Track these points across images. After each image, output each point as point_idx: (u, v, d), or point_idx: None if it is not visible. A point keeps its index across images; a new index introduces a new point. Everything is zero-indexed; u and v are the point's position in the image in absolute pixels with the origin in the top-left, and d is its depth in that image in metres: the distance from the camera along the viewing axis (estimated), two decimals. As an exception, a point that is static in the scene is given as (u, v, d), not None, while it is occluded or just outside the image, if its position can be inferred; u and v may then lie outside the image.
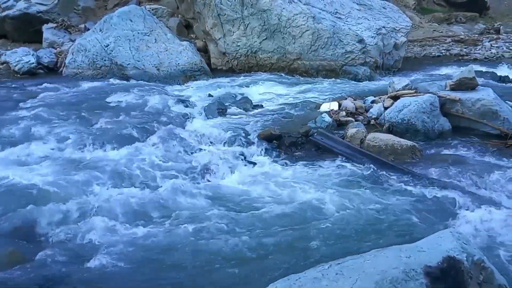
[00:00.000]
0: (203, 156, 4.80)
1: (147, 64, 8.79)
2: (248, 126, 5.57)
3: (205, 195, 3.95)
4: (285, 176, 4.34)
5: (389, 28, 10.03)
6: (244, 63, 9.82)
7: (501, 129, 5.11)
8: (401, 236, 3.13)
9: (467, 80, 5.51)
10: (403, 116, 5.22)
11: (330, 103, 6.18)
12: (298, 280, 2.05)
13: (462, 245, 2.11)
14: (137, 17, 9.40)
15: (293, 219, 3.46)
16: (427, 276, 1.94)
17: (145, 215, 3.61)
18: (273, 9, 9.37)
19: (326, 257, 2.77)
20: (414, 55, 12.50)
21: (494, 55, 12.16)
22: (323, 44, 9.22)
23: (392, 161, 4.55)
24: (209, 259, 3.01)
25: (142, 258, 3.04)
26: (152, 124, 5.67)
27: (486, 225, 3.32)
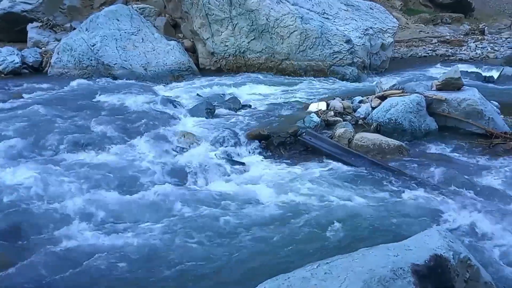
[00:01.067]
0: (191, 156, 4.76)
1: (134, 64, 8.72)
2: (236, 126, 5.56)
3: (192, 196, 3.92)
4: (273, 176, 4.34)
5: (376, 29, 10.13)
6: (232, 63, 9.81)
7: (486, 129, 5.18)
8: (389, 235, 3.15)
9: (453, 80, 5.58)
10: (390, 116, 5.26)
11: (318, 103, 6.20)
12: (287, 280, 2.04)
13: (449, 243, 2.13)
14: (123, 17, 9.32)
15: (281, 219, 3.45)
16: (414, 274, 1.95)
17: (131, 217, 3.56)
18: (261, 9, 9.38)
19: (315, 257, 2.77)
20: (401, 56, 12.64)
21: (479, 55, 12.36)
22: (311, 44, 9.26)
23: (380, 160, 4.58)
24: (197, 261, 2.99)
25: (128, 262, 2.99)
26: (139, 124, 5.62)
27: (472, 223, 3.36)
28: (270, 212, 3.57)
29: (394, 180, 4.15)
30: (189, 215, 3.56)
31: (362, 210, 3.55)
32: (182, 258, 3.02)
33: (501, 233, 3.20)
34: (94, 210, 3.60)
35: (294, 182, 4.11)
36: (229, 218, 3.49)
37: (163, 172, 4.42)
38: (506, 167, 4.34)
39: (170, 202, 3.77)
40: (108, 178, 4.20)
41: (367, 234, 3.22)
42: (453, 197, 3.79)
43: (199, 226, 3.39)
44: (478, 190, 3.92)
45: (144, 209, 3.67)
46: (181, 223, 3.44)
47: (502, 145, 4.92)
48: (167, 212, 3.63)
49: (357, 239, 3.15)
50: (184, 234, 3.28)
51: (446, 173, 4.22)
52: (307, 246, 3.09)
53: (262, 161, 4.80)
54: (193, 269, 2.92)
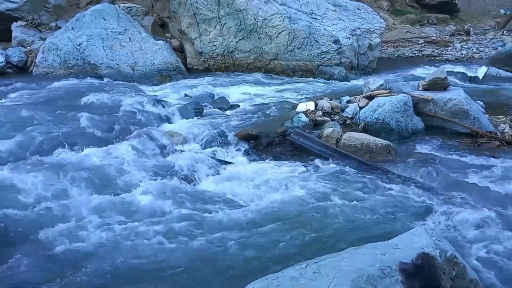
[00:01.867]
0: (179, 157, 4.73)
1: (121, 64, 8.63)
2: (225, 126, 5.55)
3: (181, 197, 3.90)
4: (263, 176, 4.33)
5: (364, 29, 10.19)
6: (220, 63, 9.79)
7: (471, 128, 5.25)
8: (377, 234, 3.17)
9: (439, 80, 5.65)
10: (378, 115, 5.30)
11: (306, 103, 6.22)
12: (276, 280, 2.04)
13: (435, 241, 2.15)
14: (110, 16, 9.22)
15: (270, 219, 3.45)
16: (402, 273, 1.97)
17: (118, 218, 3.52)
18: (249, 9, 9.37)
19: (304, 256, 2.77)
20: (388, 56, 12.75)
21: (464, 56, 12.53)
22: (299, 44, 9.28)
23: (368, 160, 4.61)
24: (184, 261, 2.97)
25: (114, 262, 2.97)
26: (127, 125, 5.56)
27: (458, 221, 3.40)
28: (258, 212, 3.56)
29: (382, 179, 4.18)
30: (177, 215, 3.54)
31: (351, 209, 3.57)
32: (170, 258, 3.00)
33: (486, 231, 3.25)
34: (80, 211, 3.56)
35: (283, 182, 4.11)
36: (217, 218, 3.48)
37: (151, 173, 4.38)
38: (492, 166, 4.40)
39: (157, 202, 3.74)
40: (94, 178, 4.15)
41: (356, 233, 3.24)
42: (440, 196, 3.83)
43: (186, 226, 3.37)
44: (464, 188, 3.97)
45: (131, 209, 3.64)
46: (168, 223, 3.42)
47: (487, 144, 5.00)
48: (154, 212, 3.61)
49: (345, 238, 3.17)
50: (171, 234, 3.26)
51: (432, 172, 4.27)
52: (296, 245, 3.09)
53: (251, 161, 4.80)
54: (180, 269, 2.90)
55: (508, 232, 3.20)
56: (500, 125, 5.51)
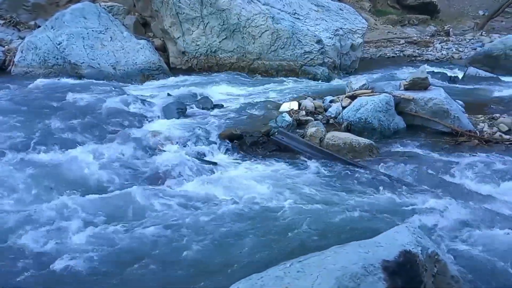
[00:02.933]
0: (162, 157, 4.69)
1: (103, 63, 8.51)
2: (208, 126, 5.52)
3: (164, 197, 3.86)
4: (247, 175, 4.33)
5: (346, 29, 10.29)
6: (203, 62, 9.75)
7: (452, 127, 5.34)
8: (360, 232, 3.19)
9: (420, 80, 5.73)
10: (361, 115, 5.34)
11: (290, 102, 6.24)
12: (260, 279, 2.04)
13: (417, 239, 2.18)
14: (91, 15, 9.09)
15: (254, 219, 3.45)
16: (385, 271, 1.99)
17: (101, 218, 3.47)
18: (232, 8, 9.36)
19: (288, 255, 2.77)
20: (370, 56, 12.89)
21: (444, 56, 12.76)
22: (283, 44, 9.31)
23: (350, 159, 4.65)
24: (167, 262, 2.95)
25: (95, 263, 2.92)
26: (109, 125, 5.49)
27: (439, 218, 3.44)
28: (242, 212, 3.55)
29: (364, 178, 4.22)
30: (160, 216, 3.51)
31: (334, 208, 3.59)
32: (153, 259, 2.97)
33: (467, 228, 3.30)
34: (62, 212, 3.49)
35: (266, 181, 4.11)
36: (200, 218, 3.45)
37: (134, 173, 4.34)
38: (471, 164, 4.48)
39: (140, 202, 3.69)
40: (76, 179, 4.09)
41: (339, 232, 3.25)
42: (421, 194, 3.88)
43: (169, 227, 3.34)
44: (445, 186, 4.04)
45: (114, 210, 3.59)
46: (152, 223, 3.38)
47: (467, 143, 5.09)
48: (137, 212, 3.56)
49: (329, 236, 3.18)
50: (154, 235, 3.23)
51: (414, 170, 4.33)
52: (280, 244, 3.09)
53: (235, 161, 4.78)
54: (162, 270, 2.87)
55: (488, 229, 3.26)
56: (479, 124, 5.62)
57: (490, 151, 4.84)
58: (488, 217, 3.45)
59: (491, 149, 4.90)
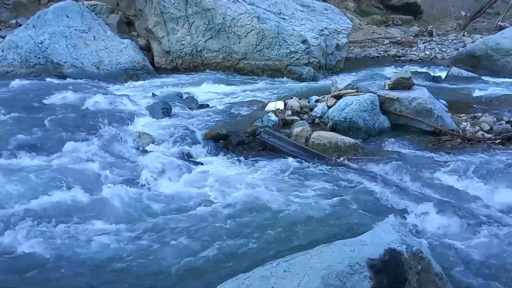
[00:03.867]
0: (147, 157, 4.64)
1: (86, 62, 8.39)
2: (194, 126, 5.49)
3: (150, 198, 3.82)
4: (232, 175, 4.31)
5: (331, 30, 10.34)
6: (189, 62, 9.69)
7: (435, 126, 5.41)
8: (346, 231, 3.21)
9: (404, 80, 5.79)
10: (346, 114, 5.38)
11: (276, 102, 6.24)
12: (246, 280, 2.03)
13: (402, 237, 2.20)
14: (74, 13, 8.95)
15: (240, 219, 3.44)
16: (370, 269, 2.00)
17: (84, 220, 3.42)
18: (217, 8, 9.33)
19: (274, 255, 2.77)
20: (355, 56, 12.99)
21: (428, 56, 12.93)
22: (268, 44, 9.32)
23: (336, 158, 4.67)
24: (154, 263, 2.92)
25: (84, 266, 2.88)
26: (92, 125, 5.41)
27: (423, 216, 3.49)
28: (228, 212, 3.54)
29: (349, 177, 4.25)
30: (145, 216, 3.48)
31: (320, 207, 3.60)
32: (137, 260, 2.94)
33: (450, 225, 3.35)
34: (45, 214, 3.44)
35: (252, 181, 4.11)
36: (185, 218, 3.43)
37: (118, 173, 4.28)
38: (454, 163, 4.55)
39: (125, 203, 3.66)
40: (60, 180, 4.01)
41: (325, 230, 3.27)
42: (405, 192, 3.93)
43: (154, 227, 3.31)
44: (429, 184, 4.09)
45: (98, 211, 3.54)
46: (135, 224, 3.35)
47: (450, 142, 5.16)
48: (122, 213, 3.52)
49: (315, 235, 3.19)
50: (138, 236, 3.20)
51: (398, 169, 4.37)
52: (266, 244, 3.09)
53: (221, 161, 4.77)
54: (148, 271, 2.84)
55: (470, 226, 3.31)
56: (462, 123, 5.70)
57: (472, 150, 4.92)
58: (470, 215, 3.50)
59: (474, 148, 4.98)
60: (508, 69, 9.80)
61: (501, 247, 3.01)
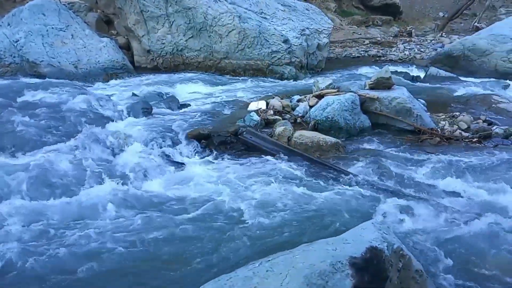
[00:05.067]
0: (128, 158, 4.57)
1: (63, 61, 8.21)
2: (175, 126, 5.42)
3: (131, 199, 3.76)
4: (215, 175, 4.28)
5: (313, 29, 10.39)
6: (169, 61, 9.60)
7: (414, 125, 5.49)
8: (328, 229, 3.23)
9: (384, 80, 5.86)
10: (327, 114, 5.40)
11: (258, 102, 6.23)
12: (229, 280, 2.02)
13: (383, 235, 2.21)
14: (50, 11, 8.75)
15: (222, 219, 3.42)
16: (352, 267, 2.01)
17: (64, 221, 3.34)
18: (198, 7, 9.27)
19: (257, 255, 2.76)
20: (336, 56, 13.09)
21: (407, 56, 13.13)
22: (250, 43, 9.30)
23: (318, 157, 4.69)
24: (135, 264, 2.87)
25: (63, 269, 2.81)
26: (71, 125, 5.29)
27: (403, 214, 3.53)
28: (209, 212, 3.51)
29: (331, 176, 4.27)
30: (126, 217, 3.42)
31: (302, 206, 3.61)
32: (117, 260, 2.89)
33: (429, 222, 3.40)
34: (23, 216, 3.35)
35: (234, 181, 4.09)
36: (167, 219, 3.39)
37: (98, 174, 4.20)
38: (433, 161, 4.62)
39: (105, 204, 3.59)
40: (38, 181, 3.92)
41: (308, 230, 3.27)
42: (386, 190, 3.96)
43: (135, 228, 3.26)
44: (408, 182, 4.14)
45: (78, 212, 3.48)
46: (116, 225, 3.29)
47: (429, 141, 5.24)
48: (101, 214, 3.46)
49: (298, 234, 3.19)
50: (119, 237, 3.14)
51: (379, 167, 4.41)
52: (248, 244, 3.07)
53: (203, 161, 4.73)
54: (128, 272, 2.79)
55: (450, 223, 3.37)
56: (440, 122, 5.80)
57: (451, 148, 5.01)
58: (449, 212, 3.56)
59: (452, 146, 5.08)
60: (484, 69, 10.04)
61: (480, 243, 3.07)
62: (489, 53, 10.08)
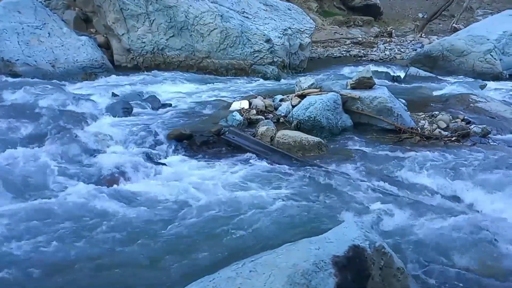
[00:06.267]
0: (108, 159, 4.48)
1: (40, 60, 8.00)
2: (156, 126, 5.35)
3: (111, 200, 3.68)
4: (196, 176, 4.24)
5: (295, 29, 10.43)
6: (150, 60, 9.47)
7: (395, 125, 5.55)
8: (311, 229, 3.23)
9: (365, 80, 5.90)
10: (310, 113, 5.42)
11: (240, 101, 6.21)
12: (212, 281, 2.00)
13: (365, 233, 2.22)
14: (26, 9, 8.52)
15: (204, 219, 3.38)
16: (335, 266, 2.01)
17: (42, 223, 3.25)
18: (179, 5, 9.18)
19: (240, 255, 2.73)
20: (318, 56, 13.18)
21: (387, 56, 13.32)
22: (232, 43, 9.27)
23: (301, 156, 4.70)
24: (113, 266, 2.80)
25: (41, 275, 2.72)
26: (48, 126, 5.16)
27: (384, 212, 3.55)
28: (191, 212, 3.47)
29: (314, 175, 4.27)
30: (103, 219, 3.34)
31: (286, 206, 3.60)
32: (97, 262, 2.82)
33: (410, 221, 3.43)
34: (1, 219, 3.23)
35: (217, 181, 4.05)
36: (148, 220, 3.34)
37: (77, 176, 4.12)
38: (413, 159, 4.68)
39: (84, 205, 3.51)
40: (14, 184, 3.81)
41: (291, 229, 3.27)
42: (368, 189, 3.99)
43: (115, 230, 3.19)
44: (390, 181, 4.18)
45: (54, 216, 3.37)
46: (95, 226, 3.22)
47: (409, 140, 5.31)
48: (78, 216, 3.37)
49: (281, 234, 3.18)
50: (99, 238, 3.08)
51: (361, 166, 4.45)
52: (232, 245, 3.05)
53: (184, 161, 4.67)
54: (109, 274, 2.73)
55: (430, 221, 3.40)
56: (420, 121, 5.88)
57: (430, 147, 5.09)
58: (429, 210, 3.61)
59: (432, 145, 5.16)
60: (462, 69, 10.25)
61: (460, 240, 3.11)
62: (467, 54, 10.30)
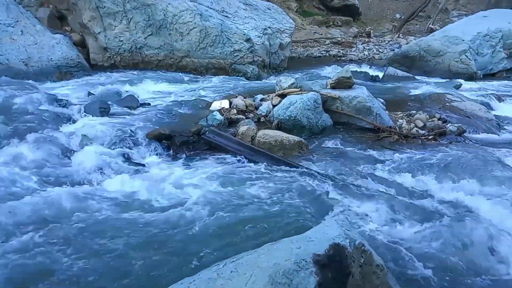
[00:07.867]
0: (84, 159, 4.37)
1: (12, 59, 7.77)
2: (134, 125, 5.26)
3: (88, 201, 3.60)
4: (176, 176, 4.18)
5: (275, 29, 10.45)
6: (128, 59, 9.33)
7: (374, 124, 5.62)
8: (292, 228, 3.22)
9: (345, 79, 5.96)
10: (290, 113, 5.43)
11: (221, 101, 6.18)
12: (192, 283, 1.97)
13: (346, 231, 2.22)
14: (-2, 6, 8.26)
15: (184, 220, 3.33)
16: (316, 264, 2.01)
17: (18, 228, 3.14)
18: (157, 4, 9.07)
19: (221, 256, 2.70)
20: (298, 55, 13.25)
21: (366, 56, 13.50)
22: (211, 42, 9.22)
23: (281, 156, 4.69)
24: (92, 267, 2.74)
25: (19, 279, 2.63)
26: (22, 126, 4.99)
27: (364, 210, 3.59)
28: (170, 214, 3.42)
29: (295, 174, 4.28)
30: (80, 221, 3.26)
31: (266, 205, 3.58)
32: (73, 265, 2.75)
33: (389, 218, 3.47)
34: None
35: (197, 182, 4.01)
36: (125, 221, 3.27)
37: (52, 177, 4.00)
38: (392, 158, 4.75)
39: (60, 207, 3.42)
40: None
41: (272, 229, 3.25)
42: (348, 187, 4.02)
43: (92, 231, 3.11)
44: (369, 179, 4.22)
45: (30, 216, 3.27)
46: (74, 229, 3.13)
47: (388, 138, 5.39)
48: (57, 218, 3.28)
49: (262, 234, 3.16)
50: (74, 240, 3.00)
51: (341, 165, 4.48)
52: (212, 245, 3.01)
53: (164, 162, 4.61)
54: (87, 276, 2.66)
55: (408, 219, 3.45)
56: (398, 121, 5.97)
57: (408, 146, 5.17)
58: (408, 207, 3.66)
59: (409, 144, 5.24)
60: (439, 69, 10.48)
61: (437, 237, 3.17)
62: (443, 54, 10.54)
